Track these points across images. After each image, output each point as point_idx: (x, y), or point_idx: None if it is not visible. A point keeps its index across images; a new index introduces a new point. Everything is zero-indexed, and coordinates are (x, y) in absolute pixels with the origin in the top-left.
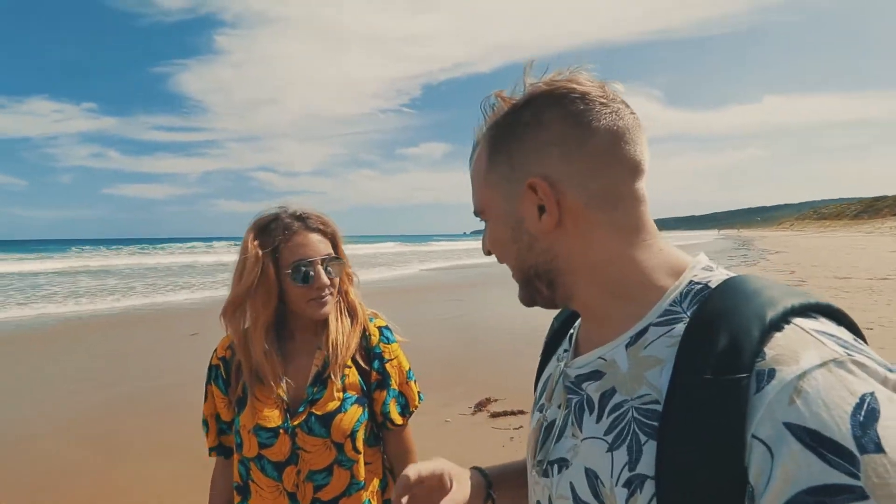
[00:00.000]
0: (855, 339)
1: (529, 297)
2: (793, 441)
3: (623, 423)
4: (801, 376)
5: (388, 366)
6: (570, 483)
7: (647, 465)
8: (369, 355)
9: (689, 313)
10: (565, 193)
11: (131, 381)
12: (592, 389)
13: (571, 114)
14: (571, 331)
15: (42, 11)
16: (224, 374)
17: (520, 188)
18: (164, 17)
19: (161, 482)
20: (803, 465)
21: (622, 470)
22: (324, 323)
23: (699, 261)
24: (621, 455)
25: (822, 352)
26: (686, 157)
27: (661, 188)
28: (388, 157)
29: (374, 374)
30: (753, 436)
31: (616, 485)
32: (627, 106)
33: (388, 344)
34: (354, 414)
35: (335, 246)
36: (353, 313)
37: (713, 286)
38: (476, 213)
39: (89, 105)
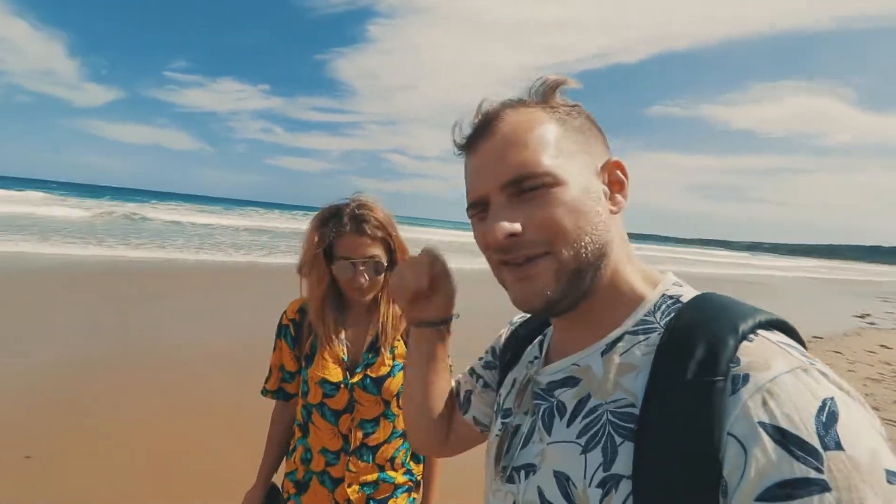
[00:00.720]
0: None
1: (565, 293)
2: (766, 438)
3: (598, 427)
4: (773, 380)
5: None
6: (538, 487)
7: (622, 465)
8: None
9: (662, 324)
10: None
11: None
12: (567, 396)
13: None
14: (541, 337)
15: (229, 3)
16: (293, 333)
17: (596, 161)
18: (330, 9)
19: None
20: (775, 460)
21: (596, 471)
22: (375, 304)
23: (670, 277)
24: (595, 456)
25: (790, 360)
26: (881, 173)
27: (838, 206)
28: None
29: None
30: (729, 433)
31: (590, 486)
32: None
33: None
34: (401, 378)
35: (388, 246)
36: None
37: (685, 300)
38: (516, 180)
39: (264, 86)
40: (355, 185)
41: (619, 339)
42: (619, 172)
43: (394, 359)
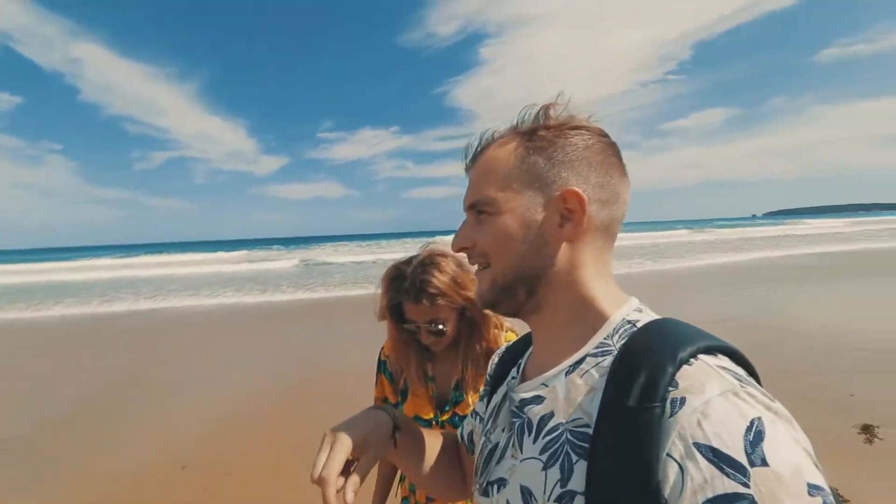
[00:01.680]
0: (748, 375)
1: (498, 299)
2: (700, 457)
3: (557, 445)
4: (706, 403)
5: None
6: (507, 500)
7: (577, 482)
8: None
9: (618, 347)
10: (588, 213)
11: None
12: (534, 413)
13: (611, 154)
14: (520, 360)
15: (360, 59)
16: (390, 368)
17: (551, 192)
18: (441, 44)
19: None
20: (708, 477)
21: (554, 486)
22: (458, 347)
23: (632, 302)
24: (554, 473)
25: (722, 383)
26: None
27: None
28: (649, 134)
29: None
30: (667, 454)
31: (548, 500)
32: (624, 166)
33: None
34: None
35: (453, 300)
36: (489, 349)
37: (640, 325)
38: (473, 205)
39: (394, 128)
40: None
41: (581, 360)
42: (574, 201)
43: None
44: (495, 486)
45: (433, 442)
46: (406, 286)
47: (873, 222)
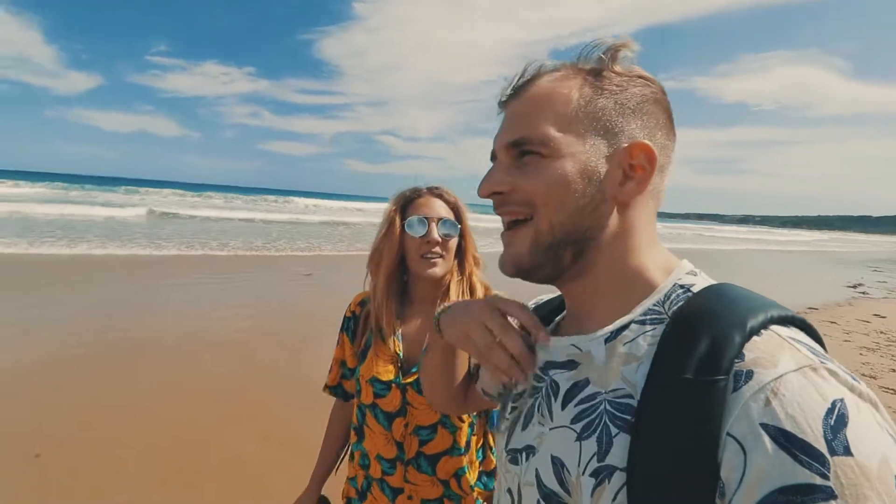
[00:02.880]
0: (824, 351)
1: (539, 262)
2: (768, 441)
3: (594, 415)
4: (778, 379)
5: None
6: (536, 469)
7: (616, 456)
8: None
9: (670, 314)
10: (652, 174)
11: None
12: (562, 378)
13: (671, 116)
14: (551, 325)
15: None
16: (353, 327)
17: (618, 143)
18: None
19: (284, 408)
20: (777, 464)
21: (591, 460)
22: (443, 297)
23: (684, 265)
24: (590, 445)
25: (798, 357)
26: (868, 143)
27: (831, 178)
28: None
29: None
30: (728, 433)
31: (583, 474)
32: None
33: None
34: None
35: (459, 218)
36: (473, 296)
37: (695, 290)
38: (518, 143)
39: (249, 69)
40: (349, 168)
41: (625, 327)
42: (643, 157)
43: None
44: (524, 454)
45: (460, 361)
46: (420, 188)
47: (682, 228)
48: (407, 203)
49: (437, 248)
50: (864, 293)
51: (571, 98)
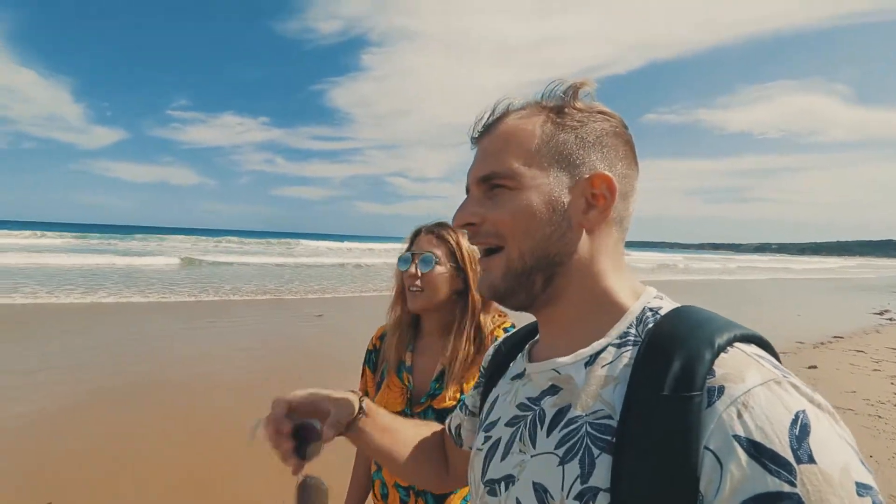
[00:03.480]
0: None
1: (512, 288)
2: (740, 451)
3: (576, 438)
4: (747, 392)
5: None
6: (517, 499)
7: (600, 477)
8: None
9: (642, 336)
10: (614, 202)
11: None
12: (548, 405)
13: (632, 147)
14: (521, 354)
15: (227, 40)
16: (374, 359)
17: (580, 174)
18: (322, 41)
19: None
20: (749, 474)
21: (574, 483)
22: (451, 335)
23: (650, 291)
24: (573, 468)
25: (763, 372)
26: (881, 166)
27: (844, 203)
28: None
29: None
30: (705, 447)
31: (567, 497)
32: None
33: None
34: None
35: (456, 259)
36: (481, 342)
37: (663, 313)
38: (488, 177)
39: (264, 119)
40: (360, 210)
41: (602, 350)
42: (604, 186)
43: (461, 391)
44: (502, 484)
45: (412, 431)
46: (429, 225)
47: (670, 258)
48: (411, 241)
49: (418, 283)
50: (891, 319)
51: (535, 134)
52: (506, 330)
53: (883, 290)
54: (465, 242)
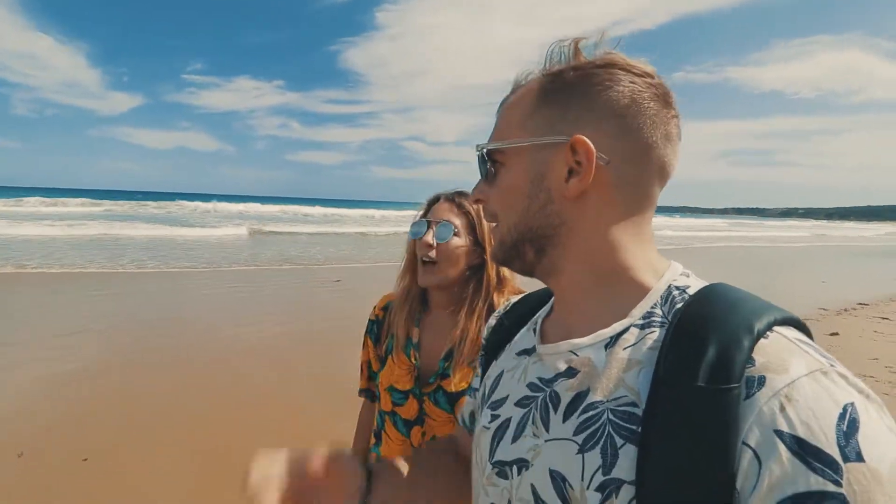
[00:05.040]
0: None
1: (507, 256)
2: (782, 448)
3: (597, 425)
4: (791, 384)
5: None
6: (532, 485)
7: (624, 469)
8: None
9: (669, 317)
10: (603, 166)
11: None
12: (563, 387)
13: (643, 97)
14: (533, 326)
15: (239, 2)
16: (376, 331)
17: (559, 141)
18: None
19: (316, 411)
20: (790, 471)
21: (595, 473)
22: (462, 312)
23: (676, 267)
24: (594, 458)
25: (808, 361)
26: None
27: (880, 167)
28: None
29: None
30: (743, 442)
31: (587, 488)
32: (676, 108)
33: None
34: None
35: (474, 230)
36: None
37: (691, 293)
38: (485, 156)
39: (278, 82)
40: (377, 175)
41: (624, 331)
42: (582, 151)
43: (473, 375)
44: (514, 468)
45: (432, 465)
46: (447, 192)
47: (693, 223)
48: (427, 208)
49: (432, 254)
50: None
51: (524, 107)
52: None
53: None
54: (478, 207)
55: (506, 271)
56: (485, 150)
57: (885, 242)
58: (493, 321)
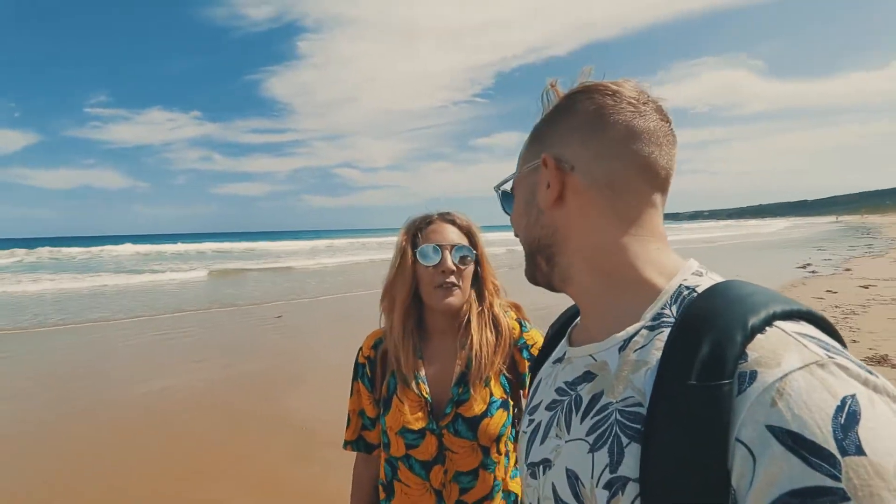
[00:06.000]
0: (836, 344)
1: (531, 271)
2: (775, 443)
3: (606, 425)
4: (783, 378)
5: (533, 351)
6: (553, 484)
7: (629, 467)
8: (513, 354)
9: (677, 317)
10: (571, 173)
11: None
12: (584, 391)
13: (598, 106)
14: (566, 335)
15: (146, 31)
16: (370, 373)
17: (537, 163)
18: (253, 28)
19: (276, 454)
20: (785, 467)
21: (603, 471)
22: (464, 330)
23: (690, 265)
24: (602, 456)
25: (804, 354)
26: (797, 135)
27: (765, 170)
28: (462, 148)
29: (525, 363)
30: (737, 439)
31: (596, 486)
32: (662, 113)
33: (527, 332)
34: (500, 419)
35: (473, 244)
36: (498, 327)
37: (700, 291)
38: (506, 194)
39: (195, 113)
40: (309, 204)
41: (635, 334)
42: (551, 164)
43: (490, 395)
44: (541, 468)
45: None
46: (431, 214)
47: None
48: (418, 231)
49: (452, 278)
50: (813, 272)
51: (523, 149)
52: (517, 321)
53: (802, 245)
54: (469, 219)
55: (496, 280)
56: (500, 191)
57: (785, 235)
58: (550, 330)
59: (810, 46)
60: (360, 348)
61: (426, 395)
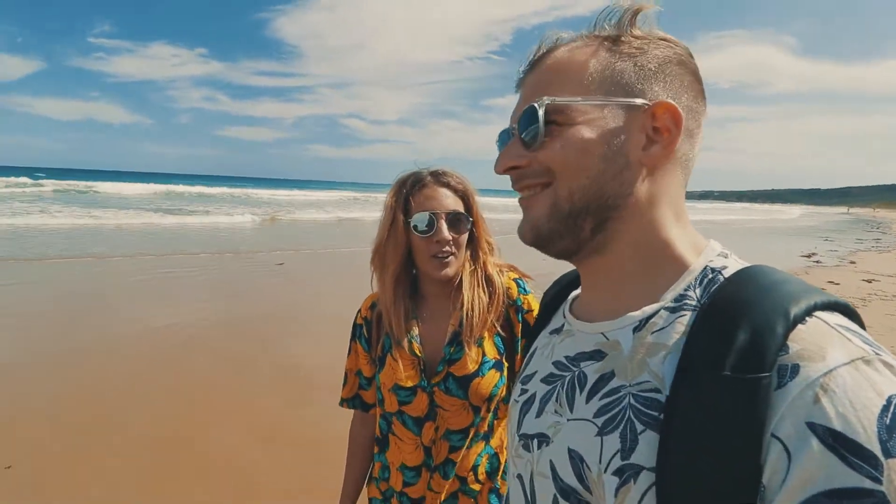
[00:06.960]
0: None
1: (557, 230)
2: (815, 441)
3: (617, 409)
4: (828, 374)
5: (528, 317)
6: (551, 461)
7: (643, 455)
8: (508, 312)
9: (701, 301)
10: (679, 135)
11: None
12: (591, 369)
13: (699, 78)
14: (566, 306)
15: None
16: (367, 334)
17: (639, 104)
18: None
19: (276, 399)
20: (824, 466)
21: (613, 457)
22: (457, 290)
23: (714, 246)
24: (612, 441)
25: (849, 349)
26: (817, 119)
27: (784, 154)
28: (474, 107)
29: (519, 325)
30: (773, 434)
31: (605, 472)
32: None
33: (526, 295)
34: (492, 379)
35: (468, 207)
36: (491, 286)
37: (727, 274)
38: (530, 114)
39: (201, 50)
40: (314, 154)
41: (654, 314)
42: (668, 118)
43: (483, 354)
44: (535, 441)
45: None
46: (424, 174)
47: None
48: (409, 194)
49: (448, 247)
50: (818, 262)
51: (587, 64)
52: (516, 281)
53: (810, 234)
54: (462, 177)
55: (490, 239)
56: (545, 105)
57: (796, 223)
58: (551, 289)
59: (850, 28)
60: (359, 310)
61: (419, 354)
